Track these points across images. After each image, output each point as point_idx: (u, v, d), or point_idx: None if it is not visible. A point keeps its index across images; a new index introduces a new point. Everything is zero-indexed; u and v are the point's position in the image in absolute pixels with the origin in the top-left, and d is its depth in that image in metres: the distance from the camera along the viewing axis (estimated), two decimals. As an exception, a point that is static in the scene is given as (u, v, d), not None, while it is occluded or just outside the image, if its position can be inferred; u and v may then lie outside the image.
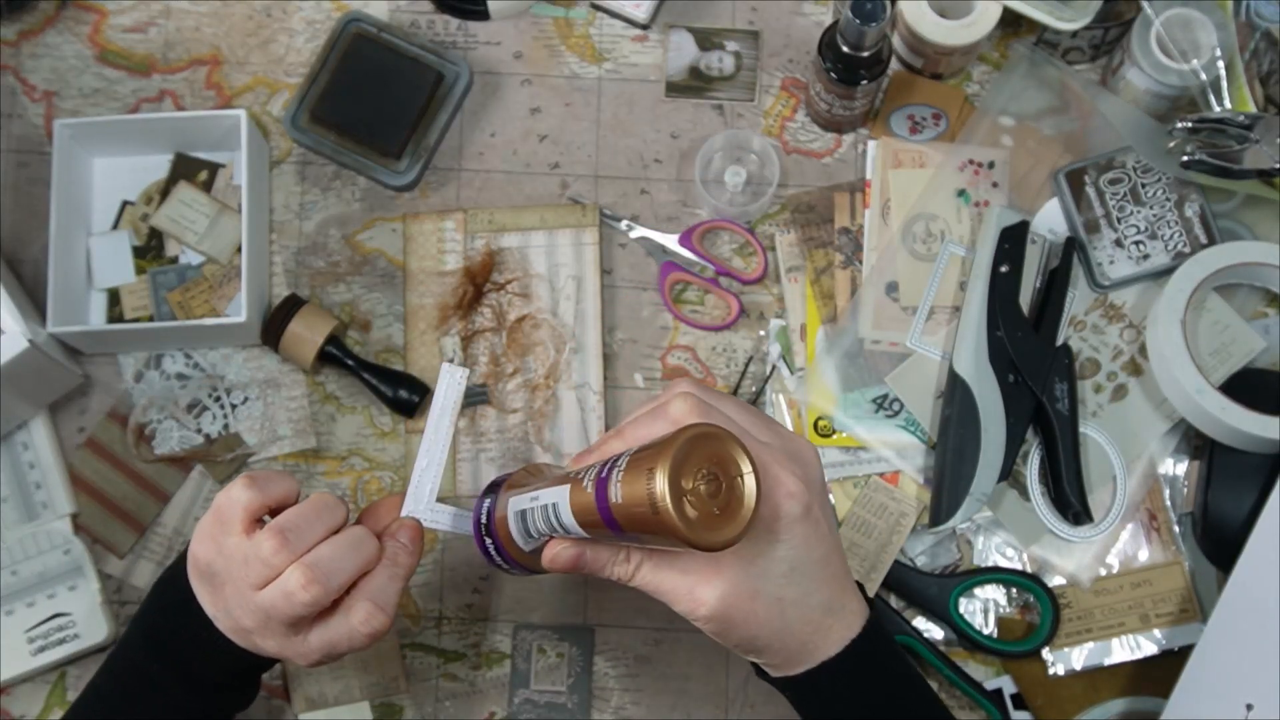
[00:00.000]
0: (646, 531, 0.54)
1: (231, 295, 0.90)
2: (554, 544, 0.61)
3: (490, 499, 0.66)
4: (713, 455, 0.53)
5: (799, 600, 0.60)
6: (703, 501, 0.53)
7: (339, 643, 0.64)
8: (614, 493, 0.54)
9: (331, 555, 0.62)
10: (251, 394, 0.90)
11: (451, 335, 0.90)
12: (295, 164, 0.94)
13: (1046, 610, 0.83)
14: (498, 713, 0.86)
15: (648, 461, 0.52)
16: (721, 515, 0.53)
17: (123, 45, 0.95)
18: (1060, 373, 0.83)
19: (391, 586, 0.64)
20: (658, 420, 0.59)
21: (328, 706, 0.86)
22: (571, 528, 0.58)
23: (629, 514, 0.53)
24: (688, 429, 0.53)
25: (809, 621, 0.61)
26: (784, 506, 0.59)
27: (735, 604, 0.59)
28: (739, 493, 0.54)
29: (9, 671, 0.84)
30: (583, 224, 0.91)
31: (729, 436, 0.54)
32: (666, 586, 0.60)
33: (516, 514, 0.63)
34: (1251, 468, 0.81)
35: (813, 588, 0.61)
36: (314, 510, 0.64)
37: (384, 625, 0.63)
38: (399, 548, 0.66)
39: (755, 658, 0.64)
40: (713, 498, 0.53)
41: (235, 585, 0.63)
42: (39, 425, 0.88)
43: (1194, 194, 0.88)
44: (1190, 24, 0.85)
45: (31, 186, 0.93)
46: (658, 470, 0.52)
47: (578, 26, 0.95)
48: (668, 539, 0.53)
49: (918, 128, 0.92)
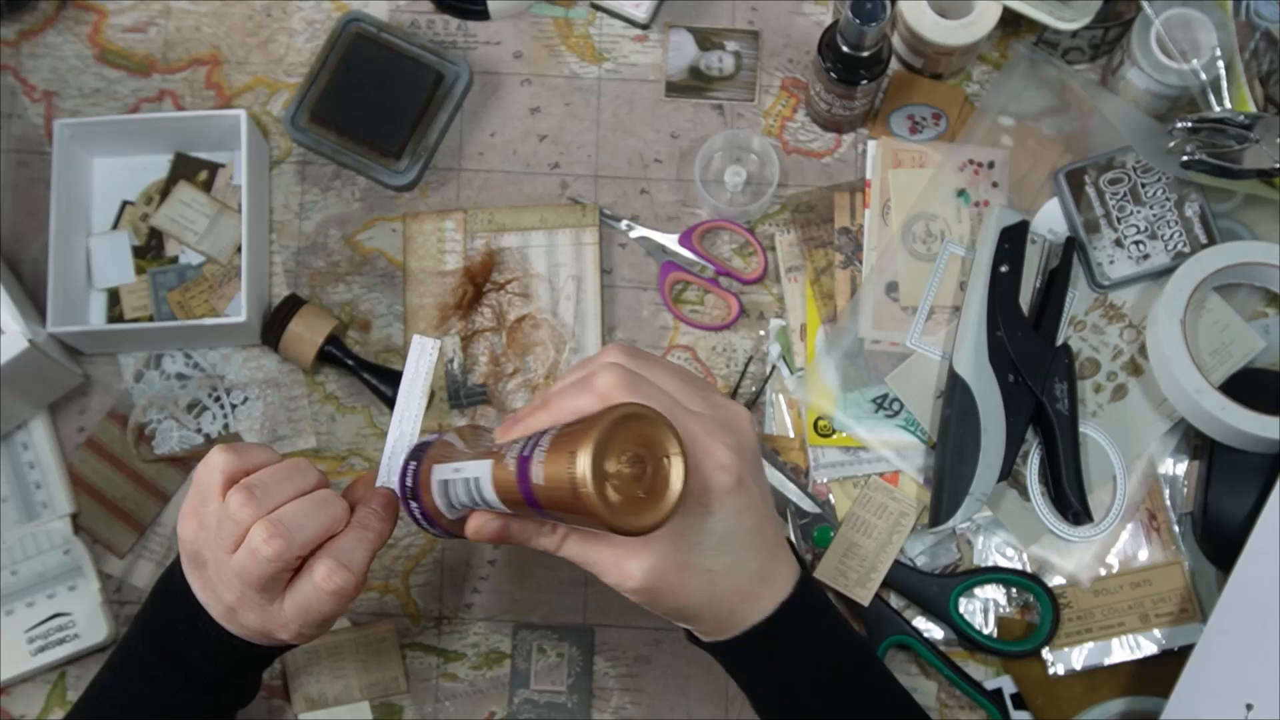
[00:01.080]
0: (568, 512, 0.52)
1: (231, 295, 0.90)
2: (478, 516, 0.61)
3: (415, 462, 0.65)
4: (639, 436, 0.52)
5: (729, 570, 0.60)
6: (627, 484, 0.51)
7: (308, 605, 0.63)
8: (535, 473, 0.53)
9: (296, 512, 0.62)
10: (251, 394, 0.90)
11: (451, 335, 0.90)
12: (295, 164, 0.94)
13: (1046, 610, 0.83)
14: (498, 713, 0.86)
15: (570, 443, 0.51)
16: (647, 498, 0.52)
17: (123, 45, 0.95)
18: (1060, 372, 0.83)
19: (359, 548, 0.64)
20: (583, 393, 0.57)
21: (328, 706, 0.86)
22: (494, 503, 0.57)
23: (550, 495, 0.52)
24: (614, 409, 0.51)
25: (739, 590, 0.61)
26: (715, 479, 0.58)
27: (663, 576, 0.58)
28: (665, 475, 0.52)
29: (9, 671, 0.84)
30: (583, 224, 0.91)
31: (658, 418, 0.52)
32: (593, 558, 0.60)
33: (440, 483, 0.62)
34: (1251, 468, 0.81)
35: (744, 557, 0.60)
36: (283, 470, 0.64)
37: (347, 582, 0.63)
38: (369, 513, 0.66)
39: (685, 625, 0.63)
40: (638, 480, 0.52)
41: (214, 555, 0.63)
42: (39, 425, 0.88)
43: (1194, 194, 0.88)
44: (1190, 24, 0.85)
45: (31, 186, 0.93)
46: (579, 453, 0.50)
47: (578, 26, 0.95)
48: (589, 521, 0.52)
49: (918, 128, 0.92)
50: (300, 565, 0.64)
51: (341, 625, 0.87)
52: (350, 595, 0.64)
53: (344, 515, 0.65)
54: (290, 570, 0.63)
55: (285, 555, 0.61)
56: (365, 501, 0.67)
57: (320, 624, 0.65)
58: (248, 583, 0.62)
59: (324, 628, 0.66)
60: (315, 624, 0.65)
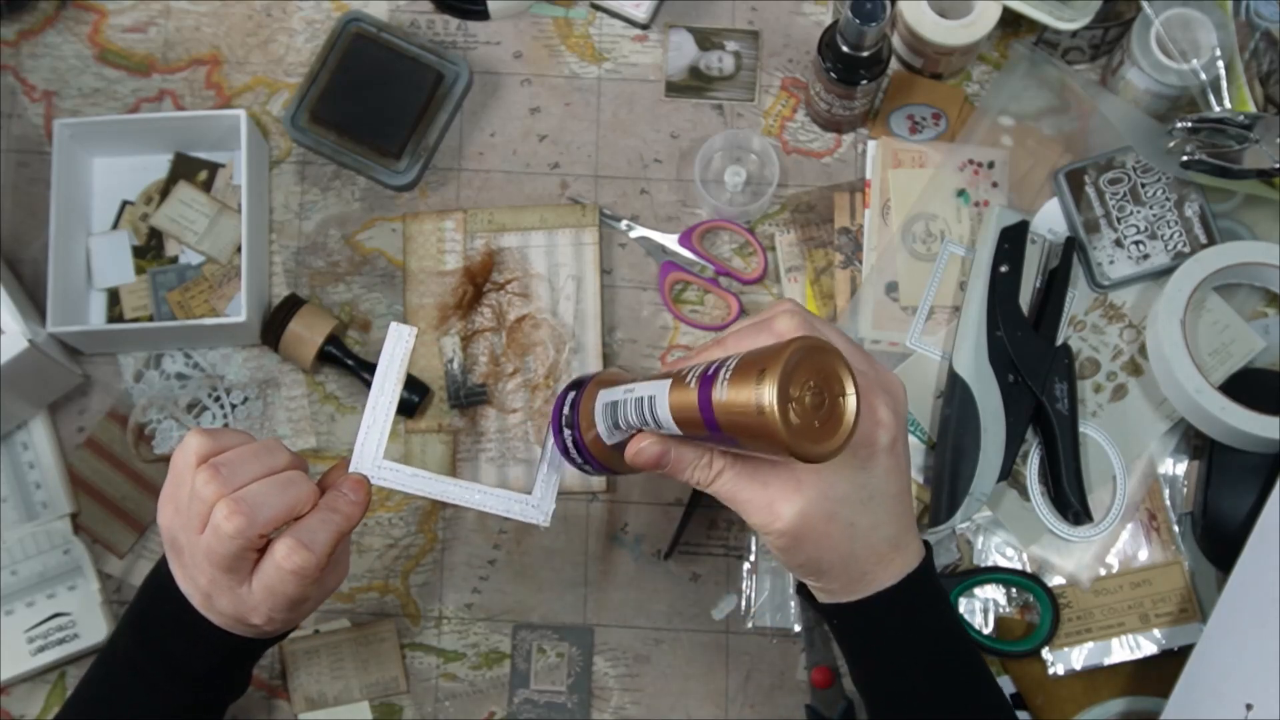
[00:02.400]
0: (746, 435, 0.53)
1: (231, 295, 0.90)
2: (641, 438, 0.61)
3: (575, 392, 0.66)
4: (820, 370, 0.54)
5: (870, 529, 0.61)
6: (806, 413, 0.53)
7: (273, 586, 0.63)
8: (719, 392, 0.54)
9: (259, 490, 0.62)
10: (251, 394, 0.90)
11: (451, 335, 0.90)
12: (295, 164, 0.94)
13: (1046, 610, 0.83)
14: (498, 713, 0.86)
15: (758, 364, 0.52)
16: (821, 429, 0.53)
17: (122, 45, 0.95)
18: (1060, 372, 0.83)
19: (323, 530, 0.63)
20: (762, 333, 0.60)
21: (328, 706, 0.86)
22: (665, 423, 0.58)
23: (731, 415, 0.53)
24: (800, 339, 0.53)
25: (874, 552, 0.61)
26: (874, 435, 0.60)
27: (811, 523, 0.59)
28: (840, 411, 0.54)
29: (9, 671, 0.84)
30: (583, 224, 0.91)
31: (837, 354, 0.54)
32: (745, 496, 0.60)
33: (607, 405, 0.62)
34: (1251, 468, 0.81)
35: (885, 519, 0.61)
36: (252, 450, 0.64)
37: (306, 562, 0.62)
38: (338, 495, 0.65)
39: (813, 580, 0.64)
40: (815, 410, 0.53)
41: (188, 538, 0.63)
42: (39, 425, 0.88)
43: (1194, 194, 0.88)
44: (1190, 24, 0.85)
45: (31, 186, 0.93)
46: (768, 373, 0.52)
47: (577, 26, 0.95)
48: (766, 445, 0.53)
49: (918, 128, 0.92)
50: (267, 546, 0.63)
51: (341, 625, 0.87)
52: (311, 575, 0.62)
53: (310, 496, 0.64)
54: (255, 550, 0.62)
55: (246, 532, 0.61)
56: (336, 485, 0.66)
57: (288, 607, 0.64)
58: (214, 563, 0.62)
59: (294, 612, 0.65)
60: (282, 607, 0.64)
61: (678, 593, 0.87)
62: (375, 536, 0.88)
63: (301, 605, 0.65)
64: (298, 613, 0.66)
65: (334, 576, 0.68)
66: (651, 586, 0.87)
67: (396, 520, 0.89)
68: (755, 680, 0.86)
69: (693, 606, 0.87)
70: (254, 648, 0.69)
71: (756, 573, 0.86)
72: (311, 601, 0.67)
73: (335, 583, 0.68)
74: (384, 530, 0.89)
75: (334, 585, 0.68)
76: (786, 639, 0.86)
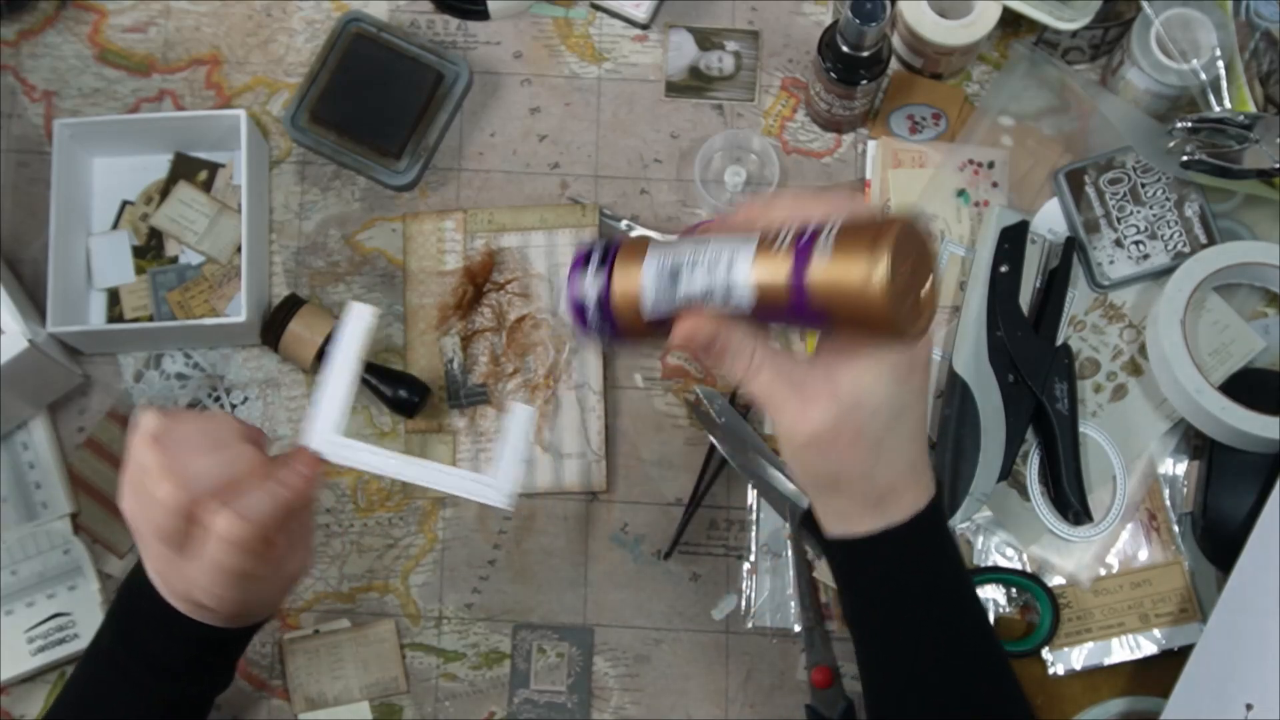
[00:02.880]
0: (842, 309, 0.51)
1: (231, 295, 0.90)
2: (695, 318, 0.57)
3: (613, 245, 0.59)
4: (918, 249, 0.52)
5: (894, 448, 0.59)
6: (904, 291, 0.51)
7: (214, 559, 0.61)
8: (818, 264, 0.51)
9: (200, 461, 0.62)
10: (251, 394, 0.90)
11: (451, 335, 0.90)
12: (295, 164, 0.94)
13: (1046, 610, 0.83)
14: (498, 713, 0.86)
15: (867, 234, 0.50)
16: (912, 310, 0.52)
17: (122, 45, 0.95)
18: (1060, 372, 0.83)
19: (265, 502, 0.62)
20: (821, 204, 0.56)
21: (328, 706, 0.86)
22: (739, 290, 0.54)
23: (830, 287, 0.51)
24: (907, 217, 0.52)
25: (894, 474, 0.60)
26: (918, 350, 0.58)
27: (839, 432, 0.58)
28: (930, 294, 0.53)
29: (9, 671, 0.84)
30: (583, 224, 0.91)
31: (930, 239, 0.53)
32: (779, 398, 0.58)
33: (666, 266, 0.56)
34: (1251, 468, 0.81)
35: (907, 442, 0.60)
36: (196, 423, 0.63)
37: (244, 532, 0.61)
38: (287, 470, 0.64)
39: (828, 498, 0.62)
40: (912, 290, 0.52)
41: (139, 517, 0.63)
42: (39, 425, 0.88)
43: (1194, 194, 0.88)
44: (1190, 24, 0.85)
45: (31, 186, 0.93)
46: (882, 244, 0.50)
47: (577, 26, 0.95)
48: (861, 322, 0.51)
49: (918, 128, 0.92)
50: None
51: (341, 625, 0.87)
52: (251, 548, 0.61)
53: (255, 467, 0.63)
54: (197, 524, 0.61)
55: (179, 498, 0.60)
56: (287, 459, 0.65)
57: (233, 584, 0.63)
58: (156, 535, 0.61)
59: (245, 593, 0.64)
60: (227, 584, 0.63)
61: (678, 593, 0.87)
62: (375, 536, 0.89)
63: (251, 585, 0.64)
64: (251, 595, 0.65)
65: (293, 560, 0.67)
66: (651, 586, 0.87)
67: (396, 520, 0.89)
68: (755, 680, 0.86)
69: (693, 606, 0.87)
70: (226, 639, 0.68)
71: (756, 573, 0.86)
72: (269, 586, 0.66)
73: (296, 568, 0.67)
74: (384, 530, 0.89)
75: (295, 571, 0.67)
76: (786, 639, 0.86)
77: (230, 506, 0.61)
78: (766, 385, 0.58)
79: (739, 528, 0.87)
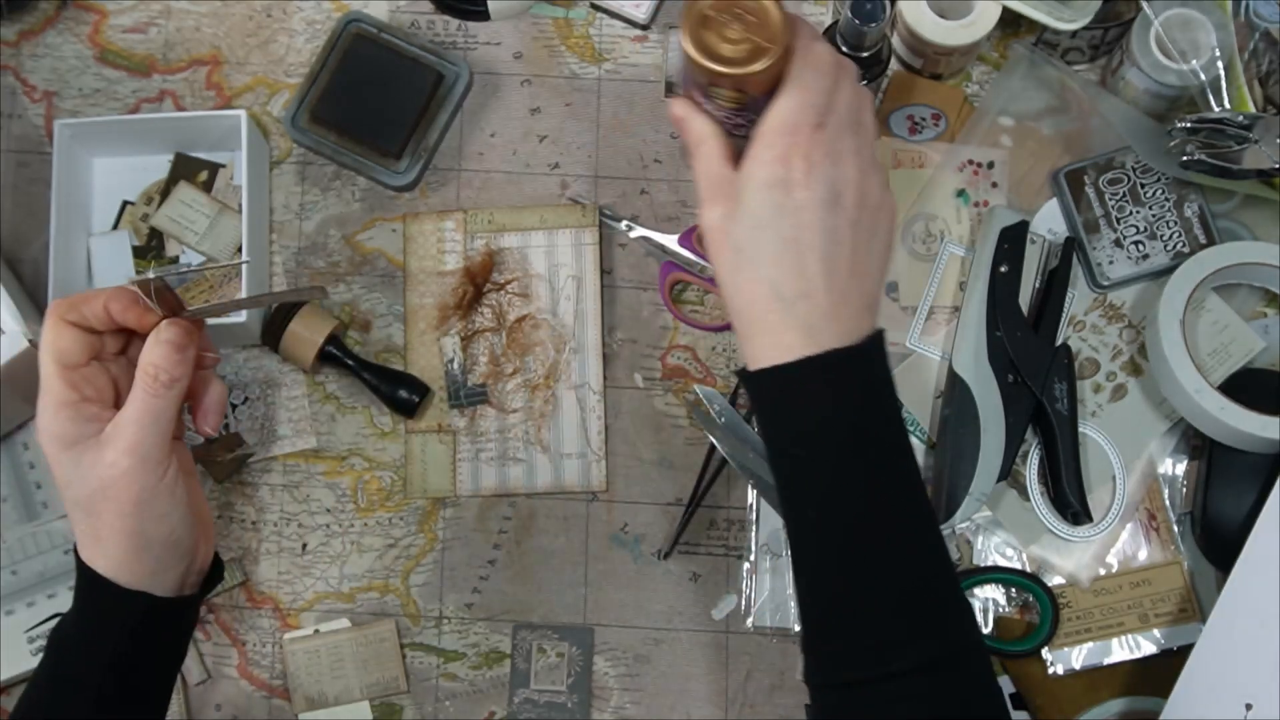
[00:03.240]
0: (700, 82, 0.60)
1: (232, 295, 0.90)
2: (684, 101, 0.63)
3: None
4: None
5: (753, 261, 0.59)
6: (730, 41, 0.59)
7: (138, 394, 0.62)
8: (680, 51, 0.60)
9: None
10: (251, 394, 0.90)
11: (451, 335, 0.90)
12: (295, 164, 0.94)
13: (1046, 610, 0.83)
14: (498, 712, 0.87)
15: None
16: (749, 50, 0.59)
17: (123, 45, 0.95)
18: (1060, 372, 0.83)
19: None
20: None
21: (328, 706, 0.86)
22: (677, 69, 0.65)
23: (688, 67, 0.60)
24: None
25: (754, 292, 0.59)
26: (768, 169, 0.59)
27: (713, 231, 0.60)
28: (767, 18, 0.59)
29: (9, 671, 0.84)
30: (582, 224, 0.91)
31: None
32: (700, 189, 0.61)
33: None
34: (1251, 468, 0.81)
35: (767, 259, 0.59)
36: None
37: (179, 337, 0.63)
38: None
39: (728, 318, 0.63)
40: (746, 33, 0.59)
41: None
42: (39, 425, 0.88)
43: (1193, 194, 0.88)
44: (1189, 24, 0.85)
45: (31, 186, 0.93)
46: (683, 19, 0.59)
47: (577, 26, 0.95)
48: (703, 80, 0.60)
49: (917, 128, 0.92)
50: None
51: (341, 625, 0.87)
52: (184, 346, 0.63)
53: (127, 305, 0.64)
54: (93, 412, 0.62)
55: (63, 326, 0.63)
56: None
57: (157, 440, 0.62)
58: (50, 437, 0.62)
59: (155, 433, 0.63)
60: (151, 433, 0.62)
61: (678, 593, 0.87)
62: (375, 536, 0.89)
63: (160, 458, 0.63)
64: (162, 438, 0.63)
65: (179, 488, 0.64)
66: (651, 586, 0.88)
67: (396, 520, 0.89)
68: (755, 680, 0.86)
69: (693, 606, 0.87)
70: (168, 609, 0.65)
71: (756, 573, 0.86)
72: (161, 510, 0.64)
73: (184, 503, 0.64)
74: (384, 530, 0.89)
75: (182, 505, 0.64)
76: (786, 639, 0.86)
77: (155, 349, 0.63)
78: (695, 173, 0.62)
79: (739, 527, 0.88)
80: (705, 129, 0.62)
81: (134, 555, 0.64)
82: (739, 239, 0.60)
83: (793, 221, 0.59)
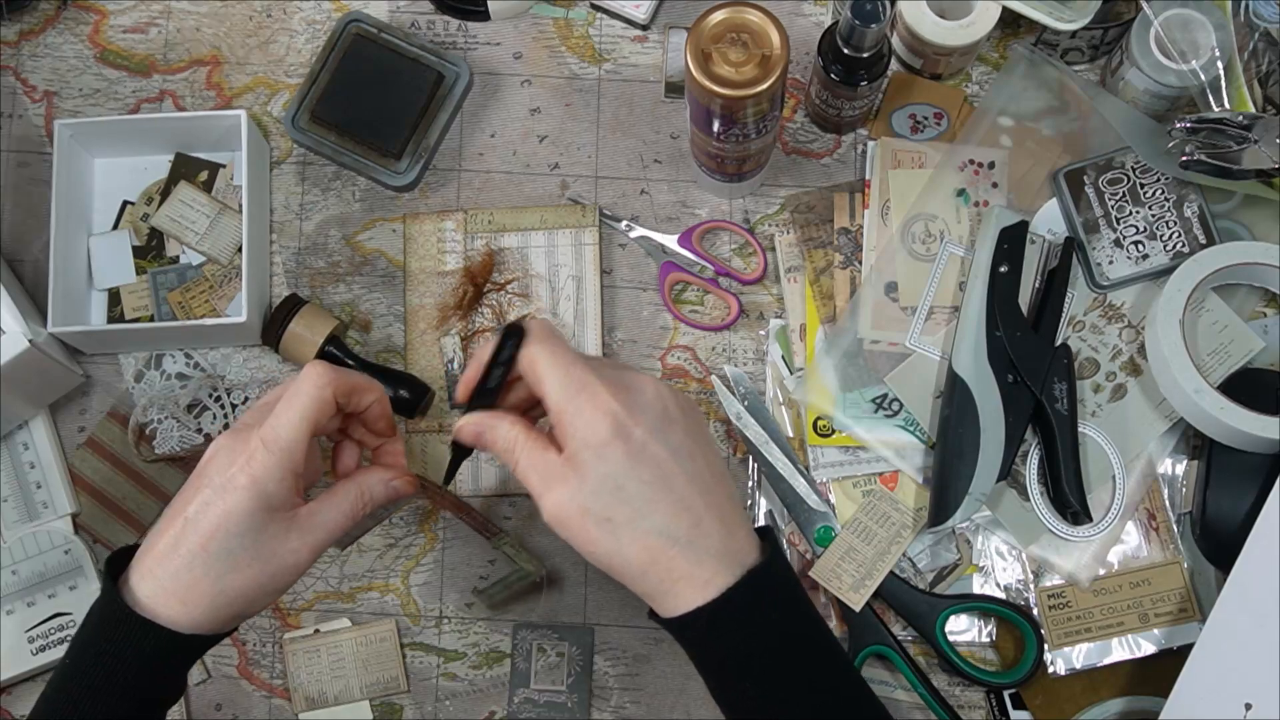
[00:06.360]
0: (724, 112, 0.71)
1: (232, 295, 0.90)
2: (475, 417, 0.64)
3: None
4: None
5: (630, 522, 0.59)
6: (738, 61, 0.69)
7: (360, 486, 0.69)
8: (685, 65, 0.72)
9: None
10: (251, 394, 0.90)
11: (451, 335, 0.90)
12: (295, 164, 0.94)
13: (1031, 646, 0.83)
14: (498, 712, 0.87)
15: None
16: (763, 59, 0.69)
17: (123, 45, 0.95)
18: (1059, 372, 0.83)
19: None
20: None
21: (328, 706, 0.86)
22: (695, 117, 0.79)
23: (710, 104, 0.69)
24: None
25: (647, 547, 0.60)
26: (594, 428, 0.59)
27: (568, 516, 0.60)
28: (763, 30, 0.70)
29: (9, 671, 0.84)
30: (582, 224, 0.91)
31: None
32: (531, 483, 0.61)
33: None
34: (1250, 468, 0.81)
35: (646, 510, 0.59)
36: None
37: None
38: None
39: (626, 585, 0.62)
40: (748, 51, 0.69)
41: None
42: (39, 425, 0.89)
43: (1193, 194, 0.88)
44: (1189, 24, 0.85)
45: (31, 186, 0.93)
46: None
47: (578, 27, 0.95)
48: (737, 106, 0.71)
49: (920, 126, 0.92)
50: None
51: (341, 625, 0.87)
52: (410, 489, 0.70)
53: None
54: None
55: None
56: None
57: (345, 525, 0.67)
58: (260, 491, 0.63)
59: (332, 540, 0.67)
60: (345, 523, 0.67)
61: (677, 592, 0.87)
62: (375, 536, 0.89)
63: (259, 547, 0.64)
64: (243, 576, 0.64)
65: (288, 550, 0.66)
66: (651, 586, 0.88)
67: (396, 520, 0.89)
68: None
69: (692, 606, 0.87)
70: (192, 647, 0.65)
71: (756, 573, 0.86)
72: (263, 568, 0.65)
73: (291, 562, 0.66)
74: (384, 530, 0.89)
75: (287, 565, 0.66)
76: (786, 639, 0.86)
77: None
78: (523, 473, 0.62)
79: (739, 528, 0.88)
80: (510, 434, 0.62)
81: (222, 616, 0.64)
82: (603, 508, 0.60)
83: (648, 461, 0.60)
